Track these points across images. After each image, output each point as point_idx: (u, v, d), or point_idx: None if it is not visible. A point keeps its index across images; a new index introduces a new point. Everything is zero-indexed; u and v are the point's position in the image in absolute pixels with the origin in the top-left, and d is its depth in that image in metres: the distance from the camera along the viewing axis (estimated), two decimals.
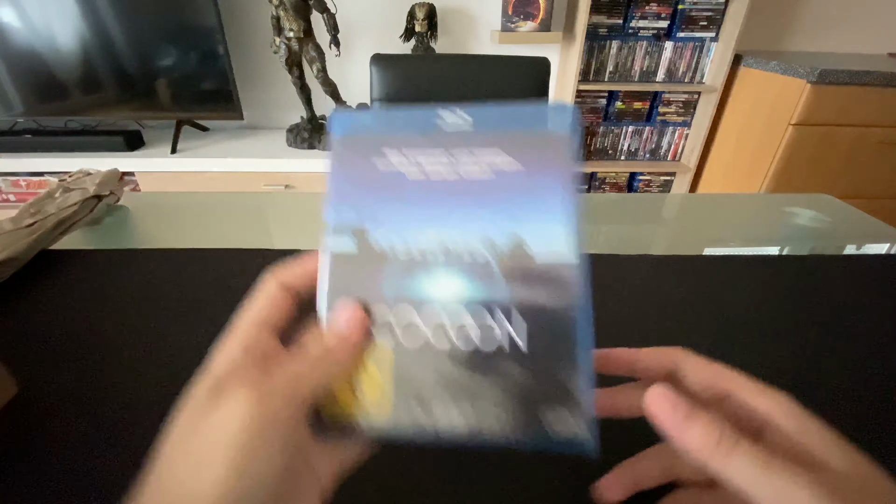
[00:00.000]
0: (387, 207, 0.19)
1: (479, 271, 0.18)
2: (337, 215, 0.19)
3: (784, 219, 0.62)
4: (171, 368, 0.33)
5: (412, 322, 0.18)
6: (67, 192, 0.52)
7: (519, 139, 0.19)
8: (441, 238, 0.19)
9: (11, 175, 1.51)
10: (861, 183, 1.50)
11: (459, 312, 0.18)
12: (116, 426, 0.29)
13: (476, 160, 0.19)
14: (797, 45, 1.71)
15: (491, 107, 0.19)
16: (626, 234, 0.57)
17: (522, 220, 0.18)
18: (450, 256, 0.18)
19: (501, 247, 0.18)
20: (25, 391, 0.31)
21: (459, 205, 0.19)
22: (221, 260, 0.47)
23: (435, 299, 0.18)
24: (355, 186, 0.19)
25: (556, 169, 0.19)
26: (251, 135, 1.69)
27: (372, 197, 0.19)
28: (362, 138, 0.20)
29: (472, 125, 0.19)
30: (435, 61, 1.10)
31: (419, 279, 0.18)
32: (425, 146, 0.19)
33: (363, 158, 0.20)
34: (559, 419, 0.17)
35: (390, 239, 0.19)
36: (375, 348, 0.18)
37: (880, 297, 0.43)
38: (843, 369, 0.35)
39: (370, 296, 0.18)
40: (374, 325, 0.18)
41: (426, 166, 0.19)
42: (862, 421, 0.30)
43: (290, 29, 1.36)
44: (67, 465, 0.27)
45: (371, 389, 0.18)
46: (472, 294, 0.18)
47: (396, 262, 0.19)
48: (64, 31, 1.37)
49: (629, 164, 1.84)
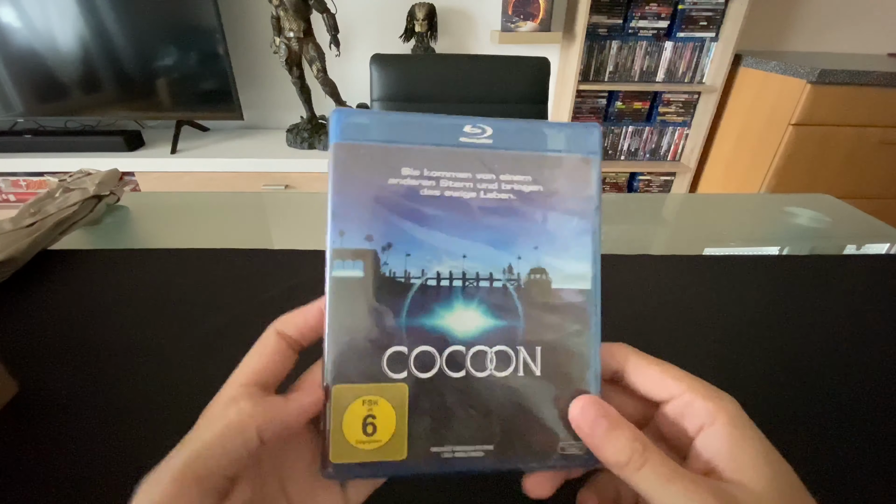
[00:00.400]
0: (398, 228, 0.17)
1: (496, 297, 0.18)
2: (341, 237, 0.17)
3: (784, 219, 0.62)
4: (170, 368, 0.33)
5: (426, 351, 0.17)
6: (67, 192, 0.52)
7: (542, 160, 0.18)
8: (458, 263, 0.17)
9: (11, 175, 1.51)
10: (861, 183, 1.50)
11: (475, 339, 0.17)
12: (116, 426, 0.29)
13: (496, 179, 0.18)
14: (797, 45, 1.71)
15: (513, 122, 0.18)
16: (626, 234, 0.57)
17: (541, 246, 0.18)
18: (467, 282, 0.17)
19: (519, 272, 0.18)
20: (25, 391, 0.31)
21: (478, 227, 0.18)
22: (221, 260, 0.47)
23: (450, 327, 0.17)
24: (361, 203, 0.17)
25: (578, 193, 0.18)
26: (251, 135, 1.69)
27: (381, 216, 0.17)
28: (369, 146, 0.17)
29: (493, 139, 0.18)
30: (435, 61, 1.10)
31: (434, 307, 0.17)
32: (443, 160, 0.18)
33: (370, 170, 0.17)
34: (571, 440, 0.17)
35: (403, 263, 0.17)
36: (388, 385, 0.17)
37: (880, 297, 0.43)
38: (844, 369, 0.35)
39: (380, 326, 0.17)
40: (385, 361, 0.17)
41: (443, 183, 0.18)
42: (862, 421, 0.30)
43: (290, 29, 1.36)
44: (67, 465, 0.26)
45: (385, 427, 0.17)
46: (488, 321, 0.18)
47: (410, 289, 0.17)
48: (64, 31, 1.37)
49: (629, 164, 1.84)
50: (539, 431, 0.17)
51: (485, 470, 0.17)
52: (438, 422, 0.17)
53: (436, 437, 0.17)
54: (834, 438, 0.29)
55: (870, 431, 0.30)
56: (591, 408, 0.17)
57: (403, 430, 0.17)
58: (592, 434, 0.16)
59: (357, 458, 0.16)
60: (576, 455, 0.17)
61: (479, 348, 0.17)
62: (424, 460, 0.17)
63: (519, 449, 0.17)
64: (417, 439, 0.17)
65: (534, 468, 0.17)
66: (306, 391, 0.17)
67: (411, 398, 0.17)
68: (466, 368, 0.17)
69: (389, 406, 0.17)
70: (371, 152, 0.17)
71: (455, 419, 0.17)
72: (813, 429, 0.30)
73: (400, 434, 0.17)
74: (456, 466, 0.17)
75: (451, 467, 0.17)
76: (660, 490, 0.15)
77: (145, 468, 0.14)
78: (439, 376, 0.17)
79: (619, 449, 0.16)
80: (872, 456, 0.28)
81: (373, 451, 0.16)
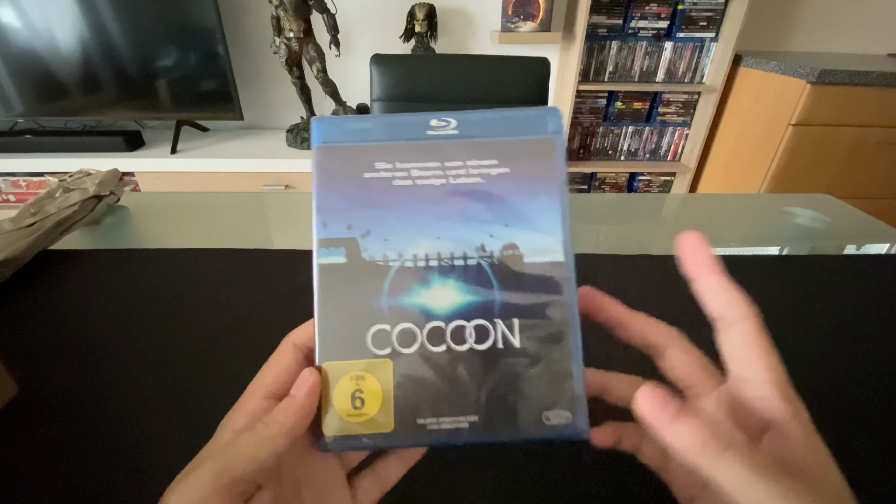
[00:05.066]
0: (375, 216, 0.19)
1: (471, 274, 0.19)
2: (325, 227, 0.19)
3: (784, 219, 0.62)
4: (170, 368, 0.33)
5: (407, 328, 0.18)
6: (67, 192, 0.52)
7: (506, 144, 0.19)
8: (432, 244, 0.19)
9: (11, 175, 1.51)
10: (861, 183, 1.50)
11: (453, 314, 0.18)
12: (116, 426, 0.29)
13: (464, 165, 0.19)
14: (797, 45, 1.71)
15: (477, 112, 0.20)
16: (626, 234, 0.57)
17: (512, 223, 0.19)
18: (442, 262, 0.19)
19: (492, 250, 0.19)
20: (25, 391, 0.31)
21: (449, 211, 0.19)
22: (221, 260, 0.47)
23: (429, 304, 0.18)
24: (341, 197, 0.19)
25: (543, 172, 0.19)
26: (251, 135, 1.69)
27: (359, 207, 0.19)
28: (345, 147, 0.19)
29: (459, 130, 0.19)
30: (435, 62, 1.10)
31: (412, 286, 0.18)
32: (412, 153, 0.19)
33: (348, 167, 0.19)
34: (555, 409, 0.18)
35: (381, 248, 0.19)
36: (374, 361, 0.18)
37: (880, 297, 0.43)
38: (844, 369, 0.35)
39: (363, 307, 0.18)
40: (370, 338, 0.18)
41: (414, 173, 0.19)
42: (862, 421, 0.30)
43: (290, 29, 1.36)
44: (67, 465, 0.26)
45: (372, 400, 0.18)
46: (465, 297, 0.19)
47: (389, 271, 0.19)
48: (64, 32, 1.37)
49: (629, 165, 1.84)
50: (522, 402, 0.18)
51: (472, 441, 0.18)
52: (423, 395, 0.18)
53: (421, 410, 0.18)
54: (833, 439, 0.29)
55: (870, 432, 0.30)
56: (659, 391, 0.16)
57: (390, 403, 0.18)
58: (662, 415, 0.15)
59: (348, 431, 0.18)
60: (563, 425, 0.18)
61: (457, 323, 0.18)
62: (411, 432, 0.18)
63: (504, 420, 0.18)
64: (403, 412, 0.18)
65: (520, 439, 0.18)
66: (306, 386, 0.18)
67: (396, 373, 0.18)
68: (447, 342, 0.18)
69: (376, 381, 0.18)
70: (347, 152, 0.19)
71: (439, 392, 0.18)
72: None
73: (386, 407, 0.18)
74: (442, 438, 0.18)
75: (438, 438, 0.18)
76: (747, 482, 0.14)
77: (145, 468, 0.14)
78: (421, 351, 0.18)
79: (693, 431, 0.15)
80: (873, 456, 0.28)
81: (362, 424, 0.18)
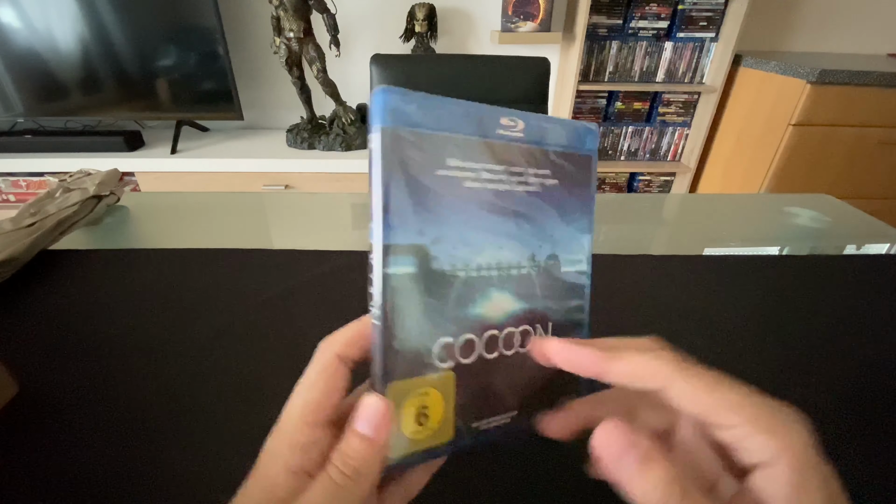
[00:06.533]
0: (447, 221, 0.17)
1: (522, 283, 0.19)
2: (392, 230, 0.16)
3: (784, 219, 0.62)
4: (170, 368, 0.33)
5: (469, 339, 0.18)
6: (67, 192, 0.52)
7: (557, 156, 0.20)
8: (495, 253, 0.18)
9: (11, 175, 1.51)
10: (861, 183, 1.50)
11: (506, 322, 0.19)
12: (116, 426, 0.29)
13: (525, 172, 0.19)
14: (797, 46, 1.71)
15: (538, 117, 0.19)
16: (626, 234, 0.57)
17: (557, 236, 0.20)
18: (501, 272, 0.19)
19: (539, 259, 0.20)
20: (25, 391, 0.31)
21: (511, 219, 0.19)
22: (221, 260, 0.47)
23: (487, 314, 0.18)
24: (412, 195, 0.16)
25: (582, 186, 0.20)
26: (251, 135, 1.69)
27: (431, 208, 0.17)
28: (417, 134, 0.16)
29: (524, 134, 0.19)
30: (435, 62, 1.10)
31: (475, 296, 0.18)
32: (484, 153, 0.18)
33: (421, 160, 0.16)
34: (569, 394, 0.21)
35: (450, 257, 0.17)
36: (439, 376, 0.17)
37: (880, 297, 0.43)
38: (844, 369, 0.35)
39: (430, 320, 0.17)
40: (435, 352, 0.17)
41: (483, 175, 0.18)
42: (862, 421, 0.30)
43: (290, 29, 1.35)
44: (67, 465, 0.26)
45: (436, 414, 0.17)
46: (517, 304, 0.19)
47: (455, 281, 0.17)
48: (64, 32, 1.37)
49: (629, 165, 1.84)
50: (546, 391, 0.20)
51: (509, 433, 0.19)
52: (477, 400, 0.18)
53: (475, 414, 0.18)
54: (834, 439, 0.29)
55: (870, 431, 0.30)
56: (618, 435, 0.14)
57: (451, 413, 0.18)
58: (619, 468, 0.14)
59: (413, 449, 0.17)
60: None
61: (509, 330, 0.19)
62: (467, 436, 0.18)
63: (533, 409, 0.20)
64: (462, 419, 0.18)
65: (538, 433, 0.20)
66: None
67: (457, 384, 0.18)
68: (499, 349, 0.19)
69: (439, 395, 0.17)
70: (419, 141, 0.16)
71: (490, 395, 0.19)
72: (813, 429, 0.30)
73: (448, 418, 0.18)
74: (490, 436, 0.19)
75: (486, 437, 0.19)
76: None
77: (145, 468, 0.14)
78: (479, 359, 0.18)
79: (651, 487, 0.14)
80: (873, 456, 0.28)
81: (425, 440, 0.17)
